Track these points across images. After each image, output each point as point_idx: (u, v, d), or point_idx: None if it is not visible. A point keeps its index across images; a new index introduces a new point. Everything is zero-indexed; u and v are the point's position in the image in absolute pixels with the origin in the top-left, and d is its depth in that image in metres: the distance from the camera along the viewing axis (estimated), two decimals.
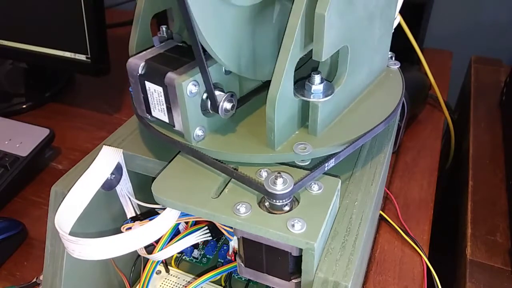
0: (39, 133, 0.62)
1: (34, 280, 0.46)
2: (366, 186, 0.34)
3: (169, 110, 0.32)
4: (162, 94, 0.31)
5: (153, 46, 0.34)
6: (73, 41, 0.66)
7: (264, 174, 0.31)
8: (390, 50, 0.41)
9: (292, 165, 0.32)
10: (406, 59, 0.67)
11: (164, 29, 0.35)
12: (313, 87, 0.31)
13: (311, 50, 0.29)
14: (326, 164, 0.31)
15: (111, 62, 0.68)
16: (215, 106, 0.31)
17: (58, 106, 0.77)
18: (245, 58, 0.32)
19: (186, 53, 0.32)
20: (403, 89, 0.38)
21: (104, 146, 0.37)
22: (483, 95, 0.74)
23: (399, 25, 0.58)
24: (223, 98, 0.31)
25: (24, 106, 0.75)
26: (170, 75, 0.30)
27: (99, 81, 0.78)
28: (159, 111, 0.33)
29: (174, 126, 0.33)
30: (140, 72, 0.32)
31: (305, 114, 0.32)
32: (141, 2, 0.33)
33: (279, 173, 0.29)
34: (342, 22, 0.29)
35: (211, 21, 0.28)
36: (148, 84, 0.32)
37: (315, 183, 0.31)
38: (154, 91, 0.32)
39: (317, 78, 0.31)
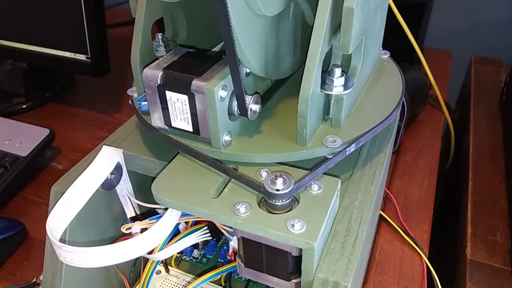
0: (39, 133, 0.62)
1: (34, 280, 0.46)
2: (366, 186, 0.34)
3: (194, 118, 0.31)
4: (187, 102, 0.30)
5: (161, 55, 0.34)
6: (73, 41, 0.66)
7: (264, 174, 0.31)
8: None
9: (292, 165, 0.32)
10: (406, 59, 0.67)
11: (160, 37, 0.35)
12: (335, 81, 0.32)
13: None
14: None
15: (111, 62, 0.68)
16: (244, 109, 0.31)
17: (58, 106, 0.77)
18: (270, 61, 0.33)
19: (202, 58, 0.32)
20: (403, 89, 0.38)
21: (104, 146, 0.37)
22: (483, 95, 0.74)
23: (399, 25, 0.58)
24: (251, 101, 0.31)
25: (24, 106, 0.75)
26: (197, 82, 0.29)
27: (99, 81, 0.78)
28: (181, 121, 0.32)
29: (199, 135, 0.32)
30: (159, 82, 0.31)
31: (325, 108, 0.33)
32: (141, 11, 0.33)
33: (279, 173, 0.29)
34: (363, 14, 0.30)
35: (245, 31, 0.28)
36: (169, 94, 0.31)
37: (315, 183, 0.31)
38: (177, 100, 0.31)
39: (337, 71, 0.32)
